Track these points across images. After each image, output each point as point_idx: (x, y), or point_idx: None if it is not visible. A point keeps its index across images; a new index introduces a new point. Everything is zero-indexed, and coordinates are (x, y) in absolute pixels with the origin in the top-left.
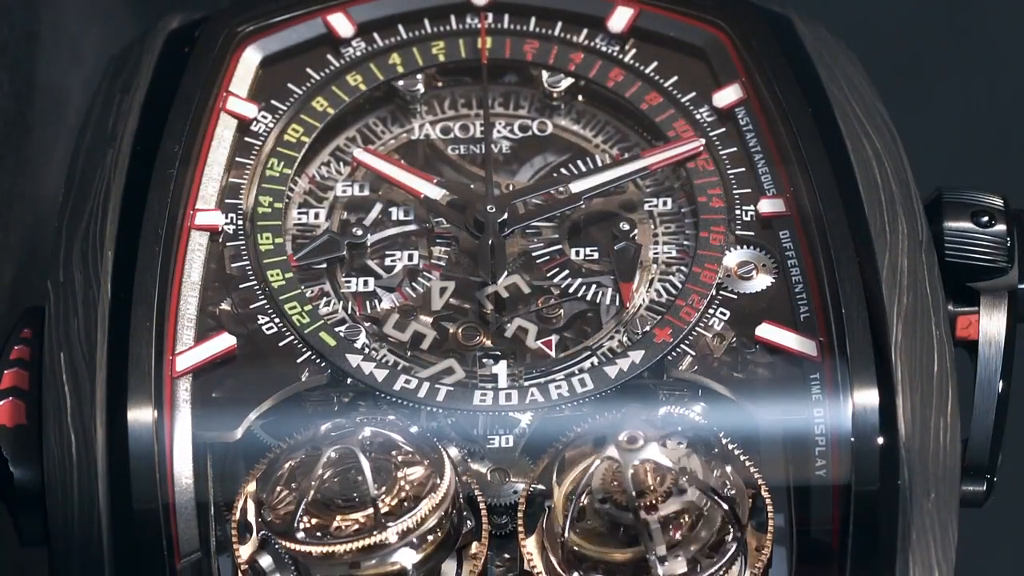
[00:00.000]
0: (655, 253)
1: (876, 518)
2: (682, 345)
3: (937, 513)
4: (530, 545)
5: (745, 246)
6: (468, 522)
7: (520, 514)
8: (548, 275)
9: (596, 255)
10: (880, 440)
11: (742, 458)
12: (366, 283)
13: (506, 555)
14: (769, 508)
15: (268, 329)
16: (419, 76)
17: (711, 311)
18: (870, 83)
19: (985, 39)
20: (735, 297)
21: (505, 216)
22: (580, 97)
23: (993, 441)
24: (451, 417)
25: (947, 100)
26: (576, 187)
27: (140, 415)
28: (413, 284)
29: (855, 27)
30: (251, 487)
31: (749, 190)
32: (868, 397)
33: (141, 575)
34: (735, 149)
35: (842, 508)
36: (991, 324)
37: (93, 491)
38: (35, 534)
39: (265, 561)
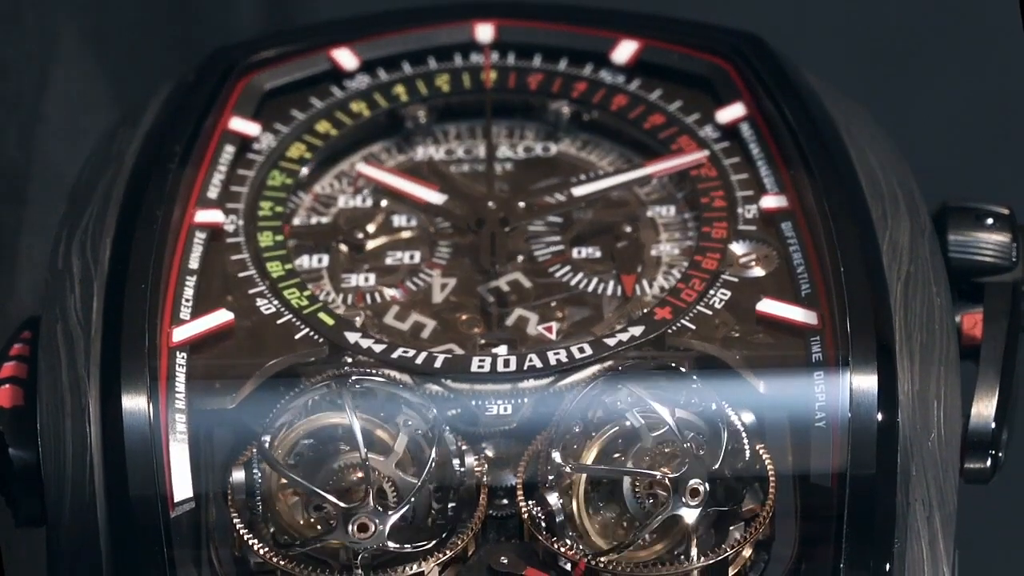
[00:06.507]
0: (657, 252)
1: (876, 463)
2: (682, 321)
3: (938, 453)
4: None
5: (747, 240)
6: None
7: (520, 493)
8: (549, 271)
9: (599, 255)
10: (879, 386)
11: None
12: (366, 279)
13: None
14: (770, 470)
15: (266, 310)
16: (422, 108)
17: (711, 291)
18: (876, 122)
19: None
20: (736, 280)
21: (504, 215)
22: (585, 129)
23: (997, 417)
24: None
25: (953, 116)
26: (579, 192)
27: (134, 377)
28: (414, 279)
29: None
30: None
31: (751, 192)
32: (867, 351)
33: (136, 539)
34: (738, 159)
35: (842, 455)
36: (994, 313)
37: (87, 449)
38: (31, 515)
39: (237, 476)
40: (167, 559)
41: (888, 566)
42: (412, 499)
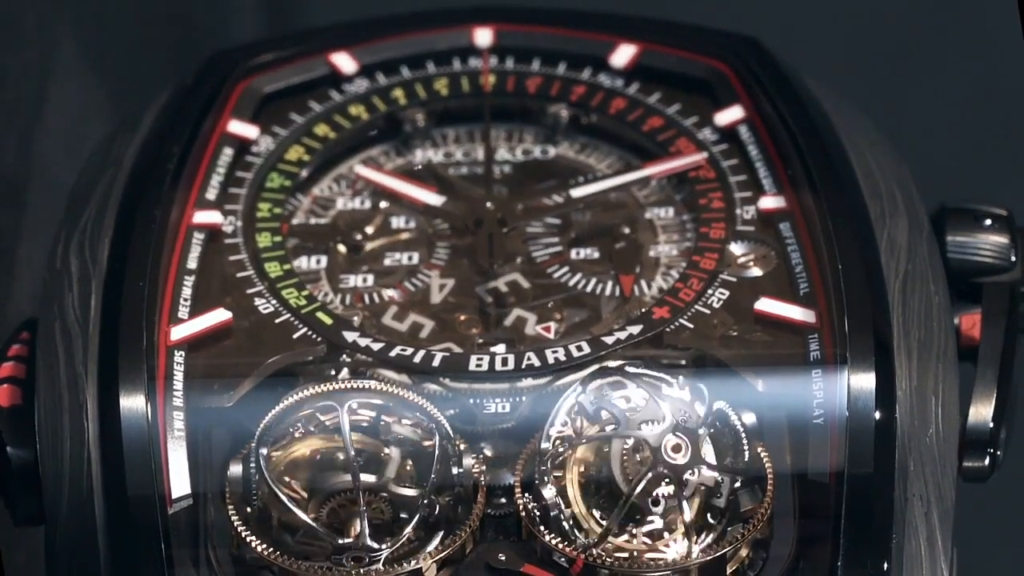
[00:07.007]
0: (655, 254)
1: (874, 459)
2: (680, 320)
3: (936, 448)
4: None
5: (746, 240)
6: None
7: (518, 491)
8: (547, 272)
9: (597, 255)
10: (877, 383)
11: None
12: (365, 280)
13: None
14: (768, 468)
15: (265, 309)
16: (421, 111)
17: (710, 291)
18: (875, 125)
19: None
20: (734, 280)
21: (503, 215)
22: (583, 132)
23: (995, 416)
24: (447, 385)
25: (952, 118)
26: (576, 193)
27: (131, 375)
28: (413, 280)
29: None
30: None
31: (750, 193)
32: (865, 348)
33: (133, 536)
34: (736, 161)
35: (840, 452)
36: (993, 313)
37: (85, 446)
38: (29, 514)
39: (235, 470)
40: (164, 556)
41: (886, 564)
42: (406, 534)
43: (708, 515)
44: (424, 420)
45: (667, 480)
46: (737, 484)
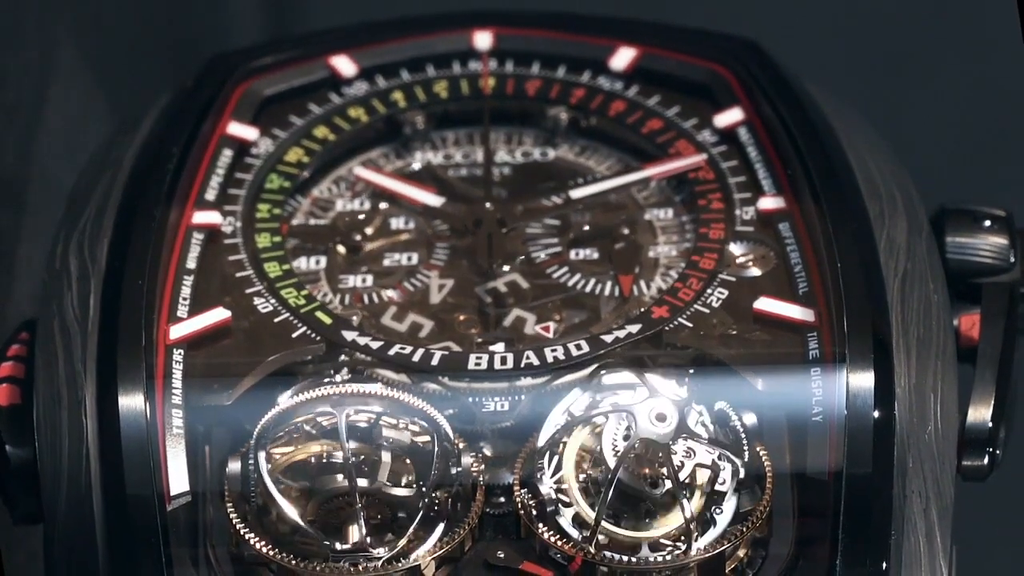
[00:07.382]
0: (655, 254)
1: (873, 457)
2: (679, 319)
3: (935, 446)
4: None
5: (745, 240)
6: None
7: (516, 490)
8: (547, 272)
9: (596, 256)
10: (876, 381)
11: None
12: (364, 280)
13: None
14: (767, 466)
15: (264, 308)
16: (420, 114)
17: (709, 290)
18: (876, 130)
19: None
20: (733, 280)
21: (502, 216)
22: (583, 135)
23: (994, 415)
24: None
25: (952, 120)
26: (576, 194)
27: (130, 373)
28: (412, 280)
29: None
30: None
31: (749, 194)
32: (864, 346)
33: (132, 533)
34: (736, 162)
35: (838, 450)
36: (992, 314)
37: (83, 443)
38: (28, 512)
39: (233, 467)
40: (163, 554)
41: (885, 562)
42: (406, 538)
43: (713, 509)
44: (423, 420)
45: (660, 462)
46: (741, 474)
